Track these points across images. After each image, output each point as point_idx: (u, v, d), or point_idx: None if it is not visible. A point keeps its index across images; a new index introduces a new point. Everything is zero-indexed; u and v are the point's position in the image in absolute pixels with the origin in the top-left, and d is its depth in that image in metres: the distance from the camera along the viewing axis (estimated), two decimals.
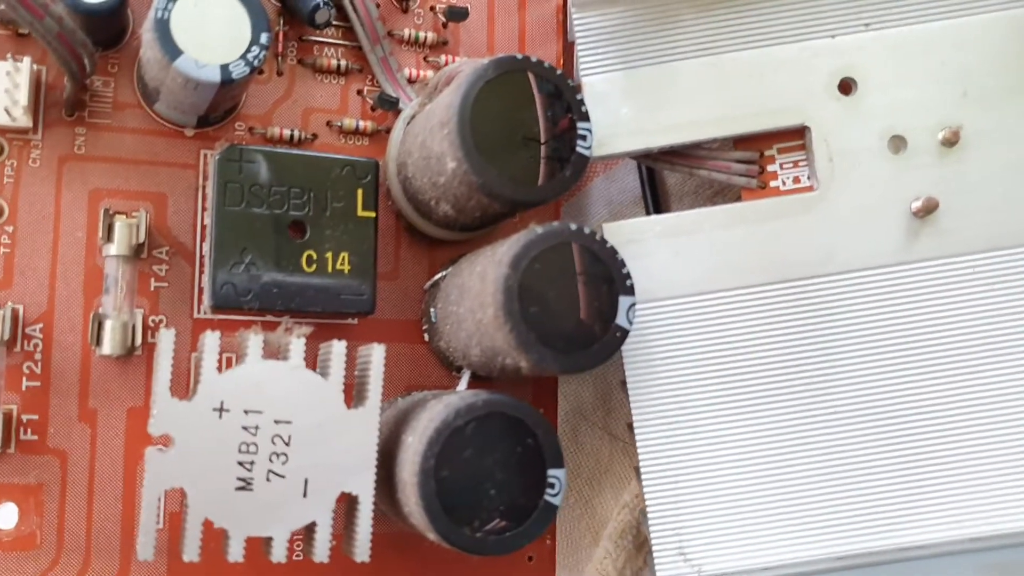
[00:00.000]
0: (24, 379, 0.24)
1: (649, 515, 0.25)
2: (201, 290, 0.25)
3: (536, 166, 0.23)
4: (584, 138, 0.23)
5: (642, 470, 0.25)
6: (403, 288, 0.27)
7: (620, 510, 0.29)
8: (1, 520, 0.24)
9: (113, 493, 0.24)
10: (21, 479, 0.24)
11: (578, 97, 0.23)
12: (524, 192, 0.22)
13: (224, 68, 0.22)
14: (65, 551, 0.24)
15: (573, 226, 0.22)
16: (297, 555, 0.25)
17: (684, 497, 0.25)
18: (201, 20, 0.22)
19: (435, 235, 0.26)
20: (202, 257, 0.25)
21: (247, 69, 0.22)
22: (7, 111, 0.23)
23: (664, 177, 0.32)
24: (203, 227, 0.25)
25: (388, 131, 0.27)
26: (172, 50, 0.21)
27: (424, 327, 0.27)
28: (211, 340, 0.21)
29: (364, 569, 0.26)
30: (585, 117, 0.23)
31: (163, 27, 0.21)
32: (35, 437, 0.24)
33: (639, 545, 0.29)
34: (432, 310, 0.26)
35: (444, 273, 0.26)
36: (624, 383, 0.28)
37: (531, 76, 0.23)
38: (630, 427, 0.29)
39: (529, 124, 0.23)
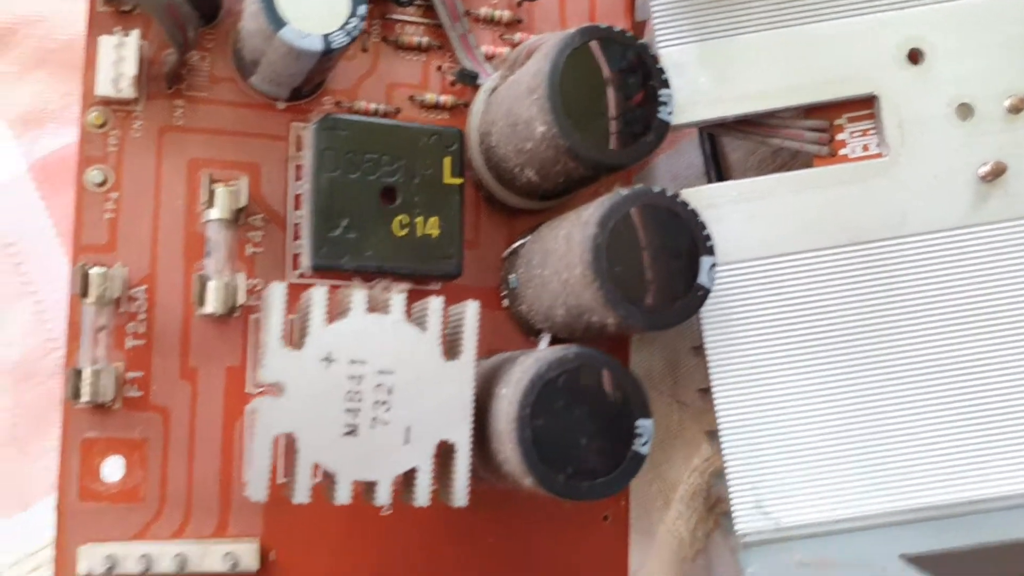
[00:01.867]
0: (128, 338, 0.25)
1: (728, 471, 0.25)
2: (294, 256, 0.26)
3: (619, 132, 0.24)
4: (665, 104, 0.24)
5: (720, 426, 0.25)
6: (482, 256, 0.28)
7: (691, 473, 0.30)
8: (108, 473, 0.25)
9: (212, 449, 0.25)
10: (126, 434, 0.25)
11: (658, 66, 0.24)
12: (610, 155, 0.23)
13: (325, 38, 0.23)
14: (167, 505, 0.25)
15: (656, 188, 0.23)
16: (387, 510, 0.26)
17: (761, 453, 0.25)
18: None
19: (514, 204, 0.27)
20: (295, 225, 0.26)
21: (347, 39, 0.23)
22: (114, 83, 0.25)
23: (727, 152, 0.33)
24: (295, 196, 0.26)
25: (467, 105, 0.28)
26: (276, 20, 0.23)
27: (503, 293, 0.28)
28: (319, 294, 0.22)
29: (449, 524, 0.27)
30: (666, 84, 0.24)
31: None
32: (140, 393, 0.25)
33: (710, 507, 0.30)
34: (512, 276, 0.27)
35: (524, 240, 0.27)
36: (695, 348, 0.29)
37: (614, 45, 0.24)
38: (702, 392, 0.29)
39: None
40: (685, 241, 0.23)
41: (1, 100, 0.33)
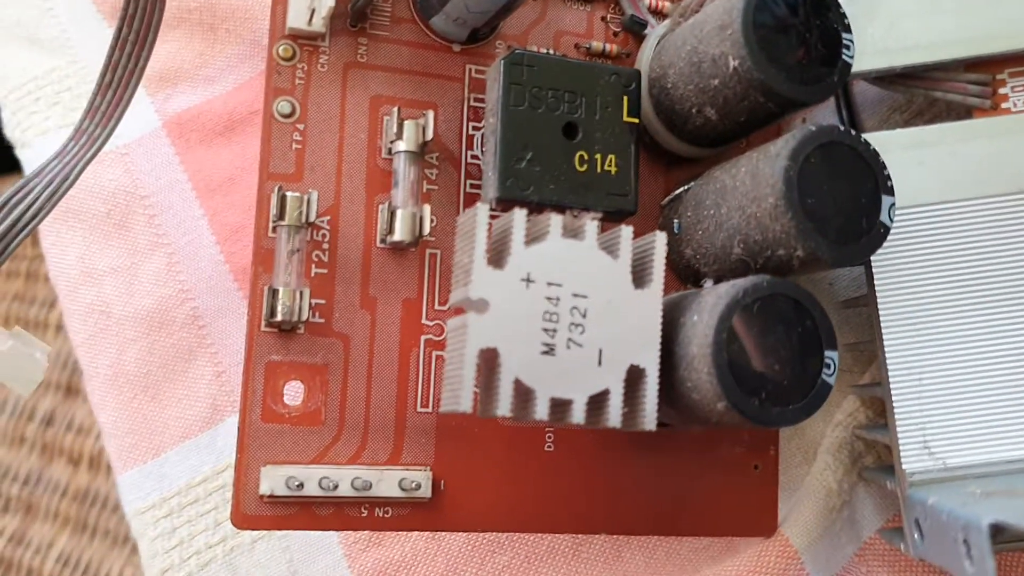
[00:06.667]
0: (313, 266, 0.26)
1: (895, 411, 0.26)
2: (467, 195, 0.27)
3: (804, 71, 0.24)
4: (848, 48, 0.25)
5: (889, 367, 0.26)
6: (640, 203, 0.28)
7: (834, 428, 0.30)
8: (290, 396, 0.25)
9: (389, 377, 0.26)
10: (309, 359, 0.25)
11: (841, 10, 0.25)
12: (799, 91, 0.24)
13: None
14: (346, 429, 0.25)
15: (842, 127, 0.24)
16: (548, 446, 0.27)
17: (928, 393, 0.26)
18: None
19: (675, 150, 0.28)
20: (467, 164, 0.27)
21: None
22: (307, 17, 0.25)
23: (863, 121, 0.33)
24: (468, 136, 0.27)
25: (629, 55, 0.29)
26: None
27: None
28: (519, 217, 0.22)
29: (607, 461, 0.27)
30: (848, 29, 0.25)
31: None
32: (322, 320, 0.25)
33: (854, 459, 0.30)
34: (675, 221, 0.28)
35: (688, 187, 0.28)
36: (845, 302, 0.29)
37: None
38: (849, 347, 0.30)
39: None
40: (868, 180, 0.24)
41: None
